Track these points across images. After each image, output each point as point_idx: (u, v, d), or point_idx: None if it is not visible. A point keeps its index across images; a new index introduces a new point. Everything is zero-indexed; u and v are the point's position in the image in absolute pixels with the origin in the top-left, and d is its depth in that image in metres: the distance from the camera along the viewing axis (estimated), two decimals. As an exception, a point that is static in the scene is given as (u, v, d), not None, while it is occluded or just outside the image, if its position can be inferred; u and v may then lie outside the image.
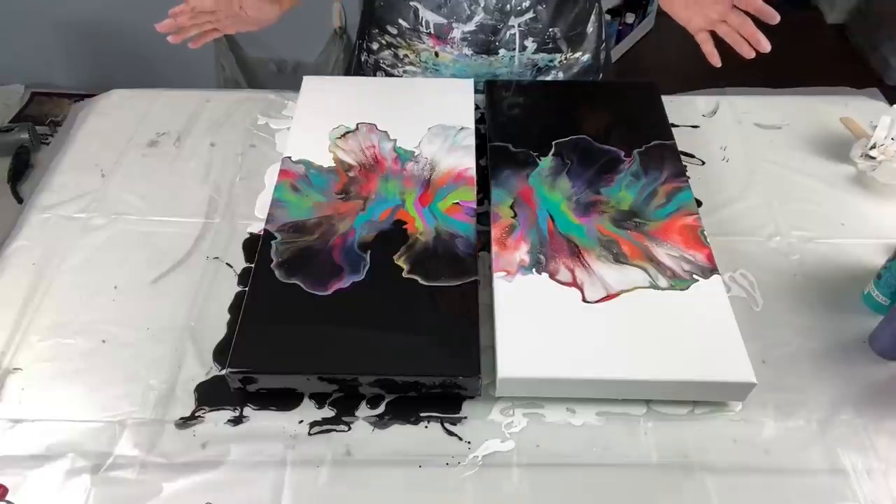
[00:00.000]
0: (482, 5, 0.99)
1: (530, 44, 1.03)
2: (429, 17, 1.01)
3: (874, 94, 1.12)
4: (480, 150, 0.93)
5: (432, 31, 1.02)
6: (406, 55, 1.07)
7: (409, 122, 0.94)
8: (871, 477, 0.66)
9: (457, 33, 1.02)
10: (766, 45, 0.79)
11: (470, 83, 1.02)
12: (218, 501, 0.64)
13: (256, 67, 2.03)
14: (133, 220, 0.89)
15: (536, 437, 0.69)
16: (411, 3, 1.01)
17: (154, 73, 2.06)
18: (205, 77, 2.04)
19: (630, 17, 2.51)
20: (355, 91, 1.02)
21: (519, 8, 0.99)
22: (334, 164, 0.89)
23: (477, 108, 1.01)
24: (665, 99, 1.01)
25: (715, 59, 0.84)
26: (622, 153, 0.91)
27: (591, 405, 0.71)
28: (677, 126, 1.02)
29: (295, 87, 1.04)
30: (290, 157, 0.90)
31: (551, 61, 1.06)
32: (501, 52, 1.03)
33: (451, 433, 0.69)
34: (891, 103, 1.03)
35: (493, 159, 0.91)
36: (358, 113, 0.96)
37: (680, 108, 1.06)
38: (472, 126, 0.95)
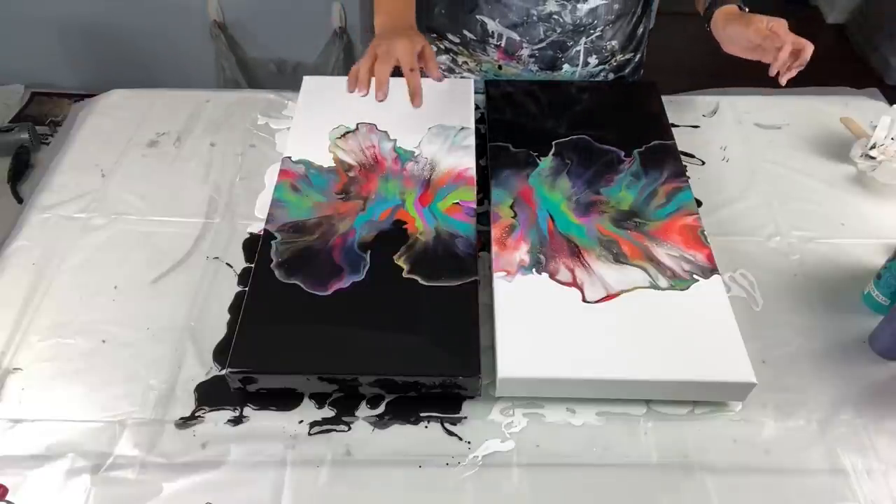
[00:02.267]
0: (558, 31, 1.00)
1: (592, 60, 1.06)
2: (500, 30, 1.01)
3: (874, 94, 1.12)
4: (480, 150, 0.93)
5: (502, 45, 1.03)
6: (465, 62, 1.07)
7: (409, 122, 0.94)
8: (871, 477, 0.66)
9: (525, 51, 1.03)
10: (785, 80, 0.86)
11: (470, 83, 1.01)
12: (218, 501, 0.64)
13: (256, 67, 2.04)
14: (133, 220, 0.89)
15: (536, 437, 0.69)
16: (478, 17, 1.01)
17: (154, 73, 2.06)
18: (205, 77, 2.04)
19: (630, 17, 2.51)
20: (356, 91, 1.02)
21: (591, 30, 1.01)
22: (334, 164, 0.89)
23: (477, 108, 1.01)
24: (665, 99, 1.01)
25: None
26: (622, 153, 0.91)
27: (591, 405, 0.71)
28: (677, 126, 1.02)
29: (295, 87, 1.04)
30: (290, 157, 0.90)
31: (604, 67, 1.09)
32: (565, 66, 1.05)
33: (451, 433, 0.69)
34: (891, 103, 1.03)
35: (493, 159, 0.91)
36: (358, 113, 0.96)
37: (680, 108, 1.07)
38: (472, 126, 0.95)
